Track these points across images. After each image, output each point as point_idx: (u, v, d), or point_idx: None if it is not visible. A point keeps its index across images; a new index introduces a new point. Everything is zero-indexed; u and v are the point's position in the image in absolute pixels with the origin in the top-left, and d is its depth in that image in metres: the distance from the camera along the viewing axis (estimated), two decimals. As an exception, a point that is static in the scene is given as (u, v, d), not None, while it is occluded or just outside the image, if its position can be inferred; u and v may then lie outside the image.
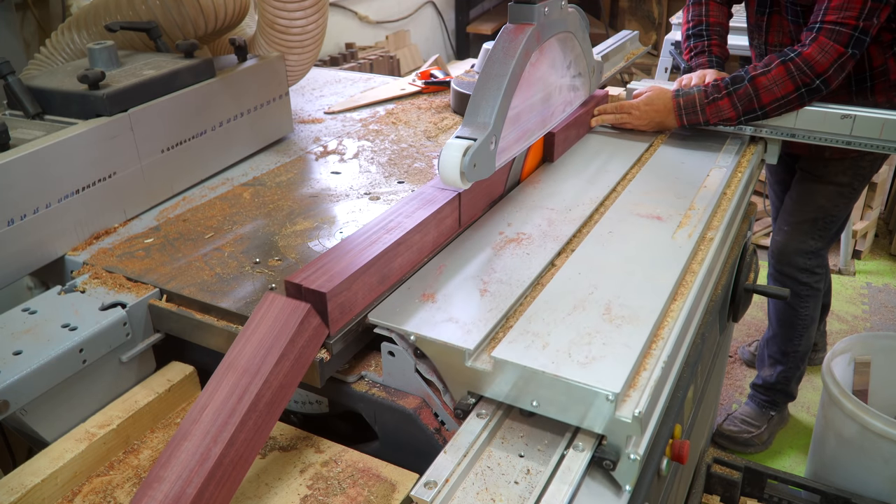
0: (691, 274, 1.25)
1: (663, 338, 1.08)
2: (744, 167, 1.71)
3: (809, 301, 2.48)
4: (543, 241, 1.32)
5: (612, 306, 1.11)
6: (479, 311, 1.11)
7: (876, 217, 3.89)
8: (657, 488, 1.17)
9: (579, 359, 0.99)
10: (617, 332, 1.05)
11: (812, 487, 2.17)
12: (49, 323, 1.17)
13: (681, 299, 1.18)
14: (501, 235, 1.35)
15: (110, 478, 1.08)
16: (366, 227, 1.21)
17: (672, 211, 1.43)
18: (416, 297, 1.15)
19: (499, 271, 1.22)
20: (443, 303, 1.14)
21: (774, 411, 2.70)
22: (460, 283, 1.19)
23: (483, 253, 1.29)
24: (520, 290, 1.17)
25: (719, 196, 1.51)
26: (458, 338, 1.04)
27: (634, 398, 0.95)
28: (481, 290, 1.17)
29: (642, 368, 1.01)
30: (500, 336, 1.07)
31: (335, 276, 1.06)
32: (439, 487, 0.90)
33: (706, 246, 1.35)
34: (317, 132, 2.03)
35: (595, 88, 1.94)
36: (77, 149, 1.37)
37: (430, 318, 1.10)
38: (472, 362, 1.03)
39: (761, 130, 1.81)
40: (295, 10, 1.75)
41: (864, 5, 1.68)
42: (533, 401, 0.99)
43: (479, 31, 5.66)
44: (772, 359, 2.63)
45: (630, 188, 1.54)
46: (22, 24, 2.36)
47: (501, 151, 1.38)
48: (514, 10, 1.40)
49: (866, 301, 3.53)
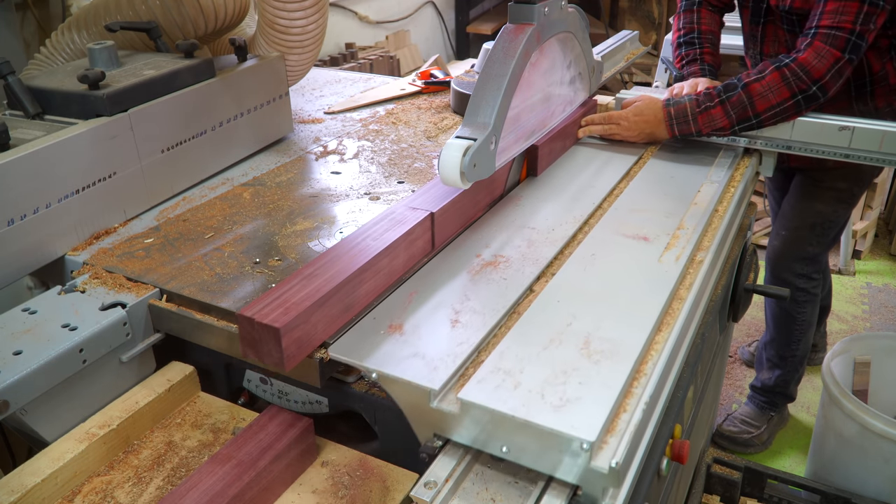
0: (678, 301, 1.17)
1: (646, 374, 1.00)
2: (737, 181, 1.63)
3: (806, 307, 2.47)
4: (522, 265, 1.25)
5: (592, 339, 1.04)
6: (448, 344, 1.04)
7: (876, 217, 3.89)
8: (657, 488, 1.17)
9: (553, 401, 0.91)
10: (595, 370, 0.97)
11: (812, 487, 2.17)
12: (49, 323, 1.17)
13: (666, 329, 1.10)
14: (478, 258, 1.28)
15: (110, 478, 1.08)
16: (331, 250, 1.15)
17: (659, 231, 1.35)
18: (382, 328, 1.08)
19: (473, 299, 1.15)
20: (410, 335, 1.06)
21: (774, 412, 2.70)
22: (430, 312, 1.12)
23: (457, 278, 1.22)
24: (493, 321, 1.09)
25: (710, 213, 1.44)
26: (423, 376, 0.97)
27: (612, 445, 0.88)
28: (453, 320, 1.10)
29: (622, 410, 0.94)
30: (469, 372, 1.00)
31: (291, 307, 0.99)
32: (439, 487, 0.90)
33: (695, 269, 1.27)
34: (317, 132, 2.03)
35: (595, 88, 1.94)
36: (77, 149, 1.37)
37: (394, 352, 1.02)
38: (437, 403, 0.96)
39: (756, 142, 1.73)
40: (295, 10, 1.75)
41: (860, 10, 1.64)
42: (503, 446, 0.92)
43: (479, 31, 5.66)
44: (770, 362, 2.63)
45: (616, 205, 1.47)
46: (22, 24, 2.36)
47: (501, 151, 1.38)
48: (514, 10, 1.40)
49: (866, 301, 3.53)
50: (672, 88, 1.85)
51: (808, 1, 1.84)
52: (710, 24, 2.13)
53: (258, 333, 0.98)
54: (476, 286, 1.19)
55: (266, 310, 0.99)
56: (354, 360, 1.02)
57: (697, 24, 2.11)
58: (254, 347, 0.99)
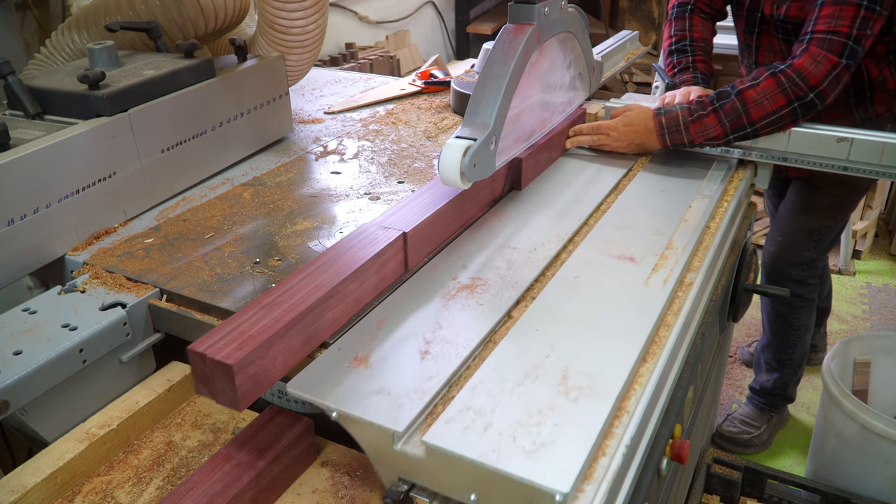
0: (665, 328, 1.10)
1: (628, 411, 0.93)
2: (730, 195, 1.57)
3: (802, 312, 2.46)
4: (500, 289, 1.18)
5: (570, 373, 0.97)
6: (416, 379, 0.97)
7: (876, 217, 3.89)
8: (657, 488, 1.17)
9: (525, 445, 0.85)
10: (572, 408, 0.90)
11: (812, 487, 2.17)
12: (49, 323, 1.17)
13: (652, 360, 1.03)
14: (454, 281, 1.20)
15: (110, 478, 1.08)
16: (294, 274, 1.07)
17: (647, 251, 1.28)
18: (347, 360, 1.01)
19: (446, 327, 1.08)
20: (376, 368, 0.99)
21: (773, 413, 2.70)
22: (400, 342, 1.05)
23: (431, 303, 1.14)
24: (467, 352, 1.02)
25: (702, 231, 1.37)
26: (386, 416, 0.90)
27: (589, 494, 0.82)
28: (423, 351, 1.02)
29: (601, 454, 0.87)
30: (438, 410, 0.93)
31: (247, 341, 0.92)
32: (439, 488, 0.90)
33: (684, 292, 1.20)
34: (317, 132, 2.03)
35: (595, 88, 1.94)
36: (77, 149, 1.37)
37: (358, 388, 0.95)
38: (401, 446, 0.89)
39: (751, 153, 1.67)
40: (295, 10, 1.75)
41: (856, 14, 1.60)
42: (472, 494, 0.86)
43: (479, 31, 5.66)
44: (768, 365, 2.63)
45: (603, 221, 1.41)
46: (22, 24, 2.36)
47: (501, 151, 1.38)
48: (514, 10, 1.40)
49: (866, 301, 3.53)
50: (664, 97, 1.79)
51: (804, 9, 1.81)
52: (703, 31, 2.07)
53: (210, 370, 0.90)
54: (450, 313, 1.12)
55: (220, 344, 0.91)
56: (314, 396, 0.94)
57: (689, 32, 2.06)
58: (206, 384, 0.92)
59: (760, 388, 2.67)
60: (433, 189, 1.35)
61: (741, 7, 2.06)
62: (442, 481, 0.89)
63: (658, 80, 3.51)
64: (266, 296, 1.02)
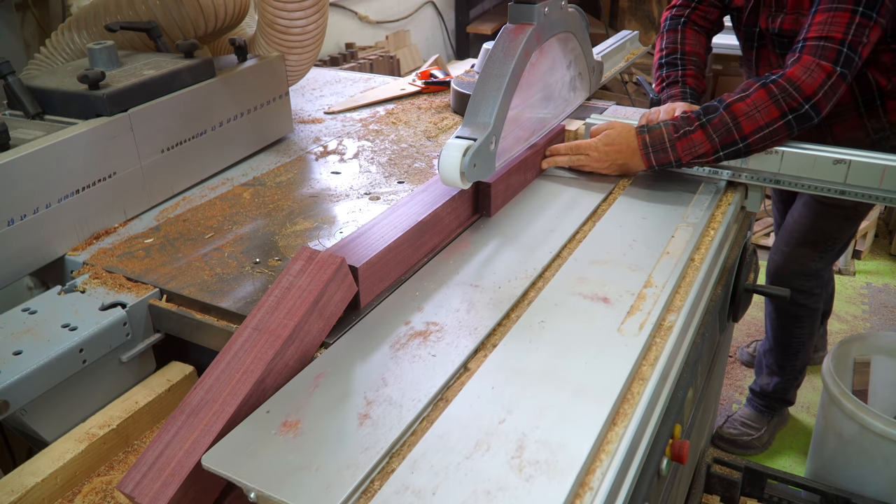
0: (640, 382, 1.00)
1: (592, 488, 0.82)
2: (718, 222, 1.44)
3: (805, 321, 2.45)
4: (457, 336, 1.06)
5: (526, 443, 0.85)
6: (352, 449, 0.85)
7: (876, 217, 3.89)
8: (657, 488, 1.17)
9: None
10: (526, 489, 0.79)
11: (812, 487, 2.17)
12: (49, 323, 1.17)
13: (622, 422, 0.92)
14: (406, 326, 1.09)
15: (110, 478, 1.08)
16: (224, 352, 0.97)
17: (623, 289, 1.17)
18: (275, 426, 0.89)
19: (391, 384, 0.96)
20: (307, 436, 0.87)
21: (773, 415, 2.70)
22: (337, 402, 0.93)
23: (378, 354, 1.03)
24: (412, 415, 0.91)
25: (685, 265, 1.25)
26: (311, 498, 0.78)
27: None
28: (362, 415, 0.91)
29: None
30: (374, 487, 0.81)
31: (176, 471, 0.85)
32: (438, 488, 0.88)
33: (662, 338, 1.09)
34: (317, 132, 2.03)
35: (595, 88, 1.94)
36: (77, 149, 1.37)
37: (283, 461, 0.83)
38: None
39: (741, 175, 1.56)
40: (295, 10, 1.75)
41: (850, 21, 1.51)
42: None
43: (479, 31, 5.66)
44: (769, 369, 2.63)
45: (577, 254, 1.28)
46: (22, 24, 2.36)
47: (501, 151, 1.38)
48: (514, 10, 1.40)
49: (866, 301, 3.53)
50: (647, 114, 1.66)
51: (798, 21, 1.76)
52: (695, 45, 1.96)
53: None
54: (399, 365, 1.00)
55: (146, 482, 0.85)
56: (230, 472, 0.82)
57: (681, 45, 1.95)
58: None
59: (760, 391, 2.67)
60: (397, 212, 1.27)
61: (739, 22, 2.03)
62: None
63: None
64: (192, 394, 0.92)
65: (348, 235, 1.21)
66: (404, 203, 1.32)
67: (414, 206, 1.30)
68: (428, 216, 1.27)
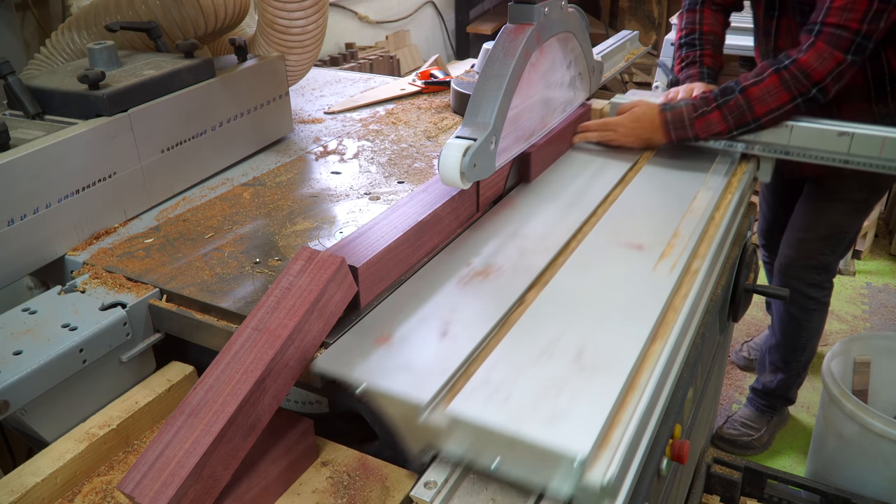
0: (673, 311, 1.14)
1: (640, 387, 0.97)
2: (734, 188, 1.60)
3: (815, 315, 2.45)
4: (514, 275, 1.21)
5: (584, 351, 1.01)
6: (437, 356, 1.01)
7: (876, 217, 3.89)
8: (657, 488, 1.17)
9: (544, 415, 0.89)
10: (588, 383, 0.94)
11: (812, 487, 2.17)
12: (49, 323, 1.17)
13: (661, 340, 1.06)
14: (468, 267, 1.24)
15: (110, 478, 1.08)
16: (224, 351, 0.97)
17: (654, 239, 1.31)
18: (370, 340, 1.05)
19: (462, 310, 1.12)
20: (398, 346, 1.03)
21: (774, 414, 2.70)
22: (419, 323, 1.09)
23: (447, 288, 1.18)
24: (484, 332, 1.06)
25: (707, 221, 1.40)
26: (411, 389, 0.94)
27: (605, 460, 0.85)
28: (441, 331, 1.06)
29: (615, 424, 0.91)
30: (459, 384, 0.96)
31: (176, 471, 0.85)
32: (439, 487, 0.90)
33: (690, 279, 1.23)
34: (317, 132, 2.03)
35: (595, 89, 1.94)
36: (77, 149, 1.37)
37: (382, 364, 0.99)
38: (426, 417, 0.93)
39: (754, 148, 1.70)
40: (295, 10, 1.75)
41: (868, 7, 1.59)
42: (494, 460, 0.89)
43: (479, 31, 5.66)
44: (773, 366, 2.62)
45: (611, 212, 1.43)
46: (22, 24, 2.36)
47: (501, 151, 1.38)
48: (514, 10, 1.39)
49: (866, 301, 3.53)
50: (668, 93, 1.81)
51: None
52: (713, 24, 2.08)
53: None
54: (465, 297, 1.16)
55: (146, 482, 0.85)
56: (340, 371, 0.98)
57: (699, 25, 2.07)
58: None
59: (763, 389, 2.67)
60: (397, 212, 1.29)
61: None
62: (464, 449, 0.92)
63: (658, 79, 3.50)
64: (192, 394, 0.93)
65: (348, 235, 1.22)
66: (404, 203, 1.32)
67: (414, 206, 1.30)
68: (428, 216, 1.27)
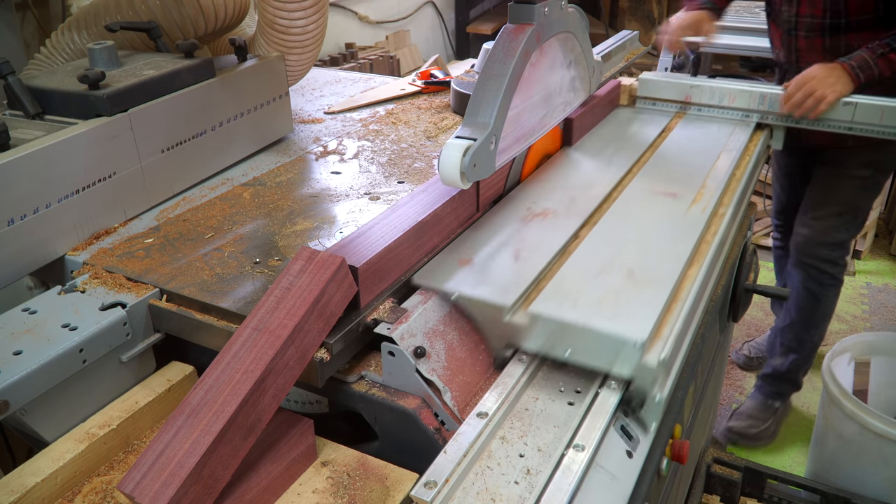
0: (706, 244, 1.34)
1: (682, 297, 1.17)
2: (751, 151, 1.79)
3: (831, 290, 2.53)
4: (567, 216, 1.41)
5: (635, 270, 1.20)
6: (513, 273, 1.21)
7: (876, 217, 3.89)
8: (657, 488, 1.17)
9: (608, 313, 1.08)
10: (640, 292, 1.14)
11: (812, 487, 2.17)
12: (49, 323, 1.17)
13: (697, 265, 1.27)
14: (528, 210, 1.44)
15: (110, 478, 1.08)
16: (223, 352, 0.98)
17: (686, 189, 1.51)
18: (454, 262, 1.25)
19: (528, 240, 1.32)
20: (480, 267, 1.23)
21: (780, 402, 2.72)
22: (494, 250, 1.29)
23: (512, 225, 1.38)
24: (549, 257, 1.26)
25: (729, 176, 1.59)
26: (496, 296, 1.14)
27: (659, 346, 1.04)
28: (514, 255, 1.27)
29: (665, 322, 1.10)
30: (533, 295, 1.15)
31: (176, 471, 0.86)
32: (439, 487, 0.90)
33: (718, 220, 1.43)
34: (317, 132, 2.03)
35: (595, 88, 1.94)
36: (77, 149, 1.37)
37: (468, 279, 1.19)
38: (509, 317, 1.12)
39: (768, 118, 1.90)
40: (295, 10, 1.75)
41: None
42: (566, 351, 1.08)
43: (479, 31, 5.66)
44: (785, 347, 2.65)
45: (645, 169, 1.64)
46: (22, 24, 2.36)
47: (501, 151, 1.37)
48: (514, 10, 1.39)
49: (866, 301, 3.53)
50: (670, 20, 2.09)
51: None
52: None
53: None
54: (530, 231, 1.36)
55: (146, 482, 0.85)
56: (436, 284, 1.18)
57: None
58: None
59: (773, 373, 2.70)
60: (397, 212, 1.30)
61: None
62: (540, 344, 1.11)
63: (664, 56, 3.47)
64: (193, 393, 0.93)
65: (348, 235, 1.22)
66: (404, 203, 1.32)
67: (414, 207, 1.30)
68: (428, 216, 1.27)
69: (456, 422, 1.06)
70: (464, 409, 1.10)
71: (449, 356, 1.13)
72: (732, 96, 1.92)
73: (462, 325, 1.17)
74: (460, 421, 1.05)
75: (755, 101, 1.91)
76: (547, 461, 0.96)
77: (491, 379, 1.14)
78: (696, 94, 1.97)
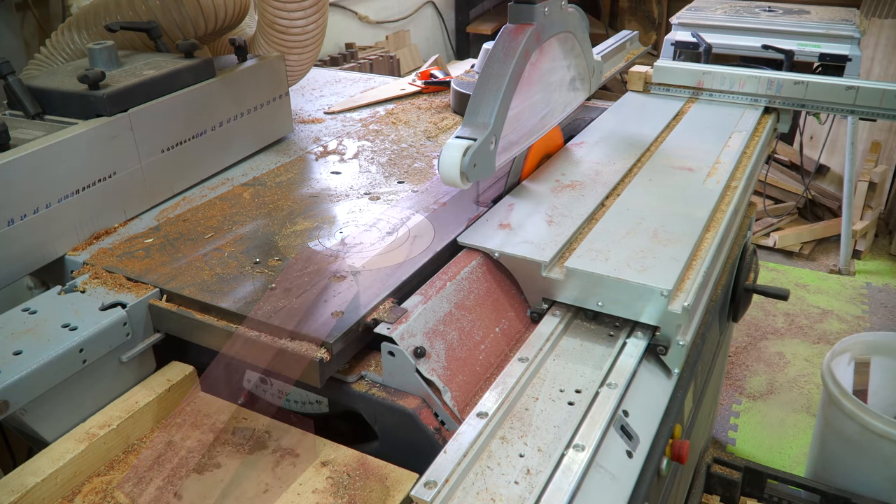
0: (721, 212, 1.47)
1: (702, 255, 1.30)
2: (760, 133, 1.89)
3: None
4: (594, 187, 1.54)
5: (659, 233, 1.33)
6: (548, 235, 1.34)
7: (876, 217, 3.89)
8: (657, 488, 1.17)
9: (636, 267, 1.21)
10: (664, 250, 1.27)
11: (812, 487, 2.17)
12: (49, 323, 1.17)
13: (713, 230, 1.40)
14: (557, 182, 1.57)
15: (110, 478, 1.08)
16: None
17: (701, 164, 1.64)
18: (494, 226, 1.38)
19: (560, 208, 1.45)
20: (517, 229, 1.36)
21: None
22: (529, 215, 1.42)
23: (544, 195, 1.51)
24: (580, 221, 1.39)
25: (741, 153, 1.71)
26: (534, 253, 1.27)
27: (682, 296, 1.18)
28: (548, 220, 1.39)
29: (687, 276, 1.23)
30: (566, 255, 1.29)
31: None
32: (439, 487, 0.90)
33: (731, 192, 1.55)
34: (317, 132, 2.03)
35: (595, 88, 1.94)
36: (77, 149, 1.37)
37: (508, 240, 1.32)
38: (547, 272, 1.26)
39: (775, 102, 1.98)
40: (295, 10, 1.75)
41: None
42: (598, 301, 1.21)
43: (479, 31, 5.66)
44: None
45: (663, 146, 1.76)
46: (22, 24, 2.36)
47: (501, 151, 1.37)
48: (514, 10, 1.39)
49: (866, 301, 3.52)
50: None
51: None
52: None
53: None
54: (560, 200, 1.49)
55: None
56: (480, 244, 1.32)
57: None
58: None
59: None
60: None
61: None
62: (574, 296, 1.25)
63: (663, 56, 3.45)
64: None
65: (348, 236, 1.28)
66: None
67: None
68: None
69: (456, 422, 1.06)
70: (464, 409, 1.10)
71: (449, 356, 1.13)
72: (742, 82, 2.02)
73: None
74: (460, 421, 1.05)
75: (763, 87, 2.00)
76: (547, 461, 0.96)
77: (491, 379, 1.14)
78: (708, 80, 2.07)
